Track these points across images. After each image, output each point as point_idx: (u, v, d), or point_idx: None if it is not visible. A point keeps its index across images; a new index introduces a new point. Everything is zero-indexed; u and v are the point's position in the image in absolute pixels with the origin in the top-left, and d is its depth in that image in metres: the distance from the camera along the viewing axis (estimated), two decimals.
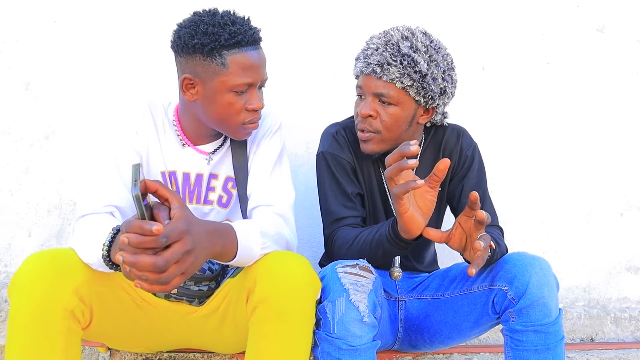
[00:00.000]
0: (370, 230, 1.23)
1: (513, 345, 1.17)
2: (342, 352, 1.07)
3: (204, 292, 1.20)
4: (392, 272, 1.36)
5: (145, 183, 0.82)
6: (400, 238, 1.12)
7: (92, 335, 1.14)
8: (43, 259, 0.98)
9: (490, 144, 2.04)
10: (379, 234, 1.18)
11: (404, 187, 0.99)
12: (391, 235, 1.14)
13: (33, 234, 1.80)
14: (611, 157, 2.21)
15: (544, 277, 1.15)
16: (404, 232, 1.09)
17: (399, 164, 0.99)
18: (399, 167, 0.99)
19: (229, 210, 1.31)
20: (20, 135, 1.81)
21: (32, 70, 1.83)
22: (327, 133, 1.46)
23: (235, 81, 1.13)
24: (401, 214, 1.04)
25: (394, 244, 1.14)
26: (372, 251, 1.20)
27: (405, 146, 0.98)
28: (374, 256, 1.21)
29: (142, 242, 0.77)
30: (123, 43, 1.87)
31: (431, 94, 1.28)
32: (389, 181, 1.03)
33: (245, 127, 1.20)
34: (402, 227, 1.08)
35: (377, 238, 1.18)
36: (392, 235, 1.13)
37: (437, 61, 1.28)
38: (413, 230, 1.07)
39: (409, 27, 1.32)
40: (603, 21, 2.22)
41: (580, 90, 2.20)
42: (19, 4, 1.83)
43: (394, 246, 1.15)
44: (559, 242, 2.14)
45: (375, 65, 1.28)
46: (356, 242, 1.25)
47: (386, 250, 1.17)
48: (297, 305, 1.00)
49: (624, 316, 2.11)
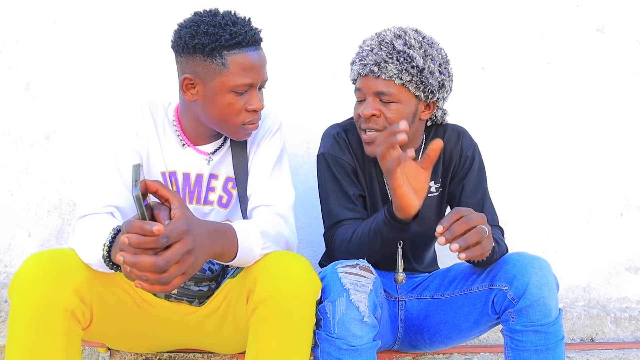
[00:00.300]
0: (367, 221, 1.24)
1: (513, 346, 1.17)
2: (342, 352, 1.07)
3: (204, 293, 1.20)
4: (396, 278, 1.37)
5: (146, 183, 0.82)
6: (396, 218, 1.13)
7: (92, 336, 1.14)
8: (43, 259, 0.98)
9: (490, 144, 2.04)
10: (376, 221, 1.20)
11: (395, 160, 1.04)
12: (387, 217, 1.15)
13: (33, 234, 1.80)
14: (611, 157, 2.21)
15: (544, 277, 1.15)
16: (399, 210, 1.11)
17: (388, 140, 1.03)
18: (389, 144, 1.04)
19: (229, 211, 1.31)
20: (20, 135, 1.81)
21: (32, 70, 1.83)
22: (328, 134, 1.46)
23: (236, 81, 1.13)
24: (395, 190, 1.07)
25: (390, 225, 1.15)
26: (371, 241, 1.21)
27: (394, 125, 1.03)
28: (373, 247, 1.21)
29: (143, 243, 0.77)
30: (123, 43, 1.87)
31: (430, 87, 1.29)
32: (380, 160, 1.07)
33: (245, 127, 1.20)
34: (396, 204, 1.10)
35: (375, 226, 1.19)
36: (388, 217, 1.15)
37: (432, 55, 1.29)
38: (408, 209, 1.10)
39: (400, 26, 1.34)
40: (603, 21, 2.22)
41: (580, 90, 2.20)
42: (19, 4, 1.83)
43: (391, 228, 1.16)
44: (558, 242, 2.14)
45: (372, 65, 1.28)
46: (355, 235, 1.25)
47: (385, 237, 1.18)
48: (297, 306, 1.00)
49: (624, 316, 2.11)
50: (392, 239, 1.19)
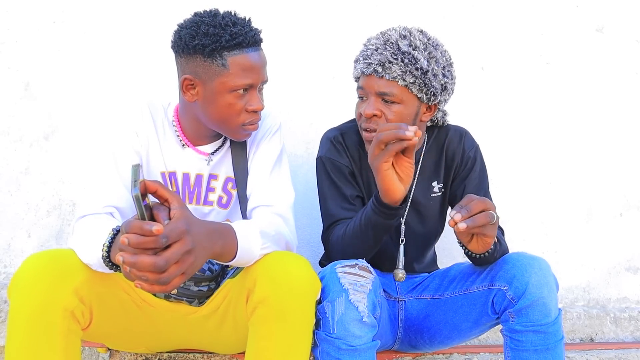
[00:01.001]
0: (358, 214, 1.25)
1: (513, 346, 1.17)
2: (341, 352, 1.07)
3: (203, 293, 1.20)
4: (395, 274, 1.37)
5: (145, 183, 0.82)
6: (383, 204, 1.16)
7: (92, 336, 1.14)
8: (43, 260, 0.98)
9: (489, 144, 2.04)
10: (365, 211, 1.21)
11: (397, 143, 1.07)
12: (374, 203, 1.17)
13: (32, 235, 1.80)
14: (611, 157, 2.21)
15: (544, 277, 1.15)
16: (384, 195, 1.13)
17: (396, 133, 1.06)
18: (396, 135, 1.06)
19: (228, 211, 1.31)
20: (20, 135, 1.81)
21: (31, 70, 1.83)
22: (325, 138, 1.46)
23: (236, 82, 1.13)
24: (378, 172, 1.10)
25: (378, 212, 1.17)
26: (363, 232, 1.22)
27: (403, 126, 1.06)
28: (366, 237, 1.22)
29: (142, 243, 0.77)
30: (123, 43, 1.87)
31: (433, 90, 1.29)
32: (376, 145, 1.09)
33: (245, 128, 1.20)
34: (381, 187, 1.13)
35: (365, 216, 1.21)
36: (375, 204, 1.17)
37: (437, 58, 1.28)
38: (392, 192, 1.12)
39: (405, 26, 1.33)
40: (602, 21, 2.22)
41: (580, 91, 2.20)
42: (18, 4, 1.83)
43: (380, 215, 1.18)
44: (558, 242, 2.14)
45: (376, 64, 1.28)
46: (348, 229, 1.26)
47: (375, 225, 1.20)
48: (297, 306, 1.00)
49: (624, 316, 2.11)
50: (382, 227, 1.20)
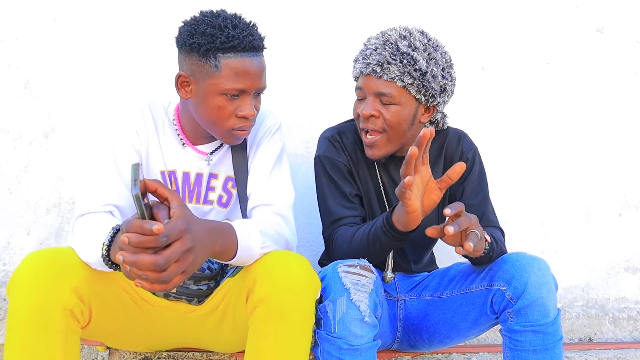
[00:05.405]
0: (366, 226, 1.24)
1: (511, 346, 1.17)
2: (342, 351, 1.07)
3: (203, 291, 1.20)
4: (385, 277, 1.38)
5: (145, 182, 0.82)
6: (395, 229, 1.14)
7: (91, 334, 1.14)
8: (42, 258, 0.97)
9: (489, 144, 2.04)
10: (374, 227, 1.20)
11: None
12: (386, 227, 1.16)
13: (32, 233, 1.79)
14: (610, 157, 2.21)
15: (543, 278, 1.15)
16: (400, 223, 1.12)
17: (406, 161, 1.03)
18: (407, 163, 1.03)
19: (228, 210, 1.31)
20: (19, 133, 1.81)
21: (31, 68, 1.82)
22: (323, 137, 1.47)
23: (226, 85, 1.12)
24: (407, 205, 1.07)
25: (389, 236, 1.17)
26: (370, 246, 1.22)
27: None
28: (373, 251, 1.22)
29: (143, 242, 0.77)
30: (123, 42, 1.87)
31: (431, 91, 1.29)
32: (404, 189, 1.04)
33: (234, 133, 1.19)
34: (402, 219, 1.11)
35: (373, 232, 1.20)
36: (386, 227, 1.16)
37: (436, 59, 1.28)
38: (410, 223, 1.11)
39: (406, 26, 1.33)
40: (602, 21, 2.22)
41: (580, 91, 2.20)
42: (19, 2, 1.82)
43: (390, 238, 1.17)
44: (557, 242, 2.15)
45: (375, 65, 1.28)
46: (355, 238, 1.26)
47: (383, 243, 1.19)
48: (297, 305, 1.00)
49: (622, 316, 2.11)
50: (390, 246, 1.20)
